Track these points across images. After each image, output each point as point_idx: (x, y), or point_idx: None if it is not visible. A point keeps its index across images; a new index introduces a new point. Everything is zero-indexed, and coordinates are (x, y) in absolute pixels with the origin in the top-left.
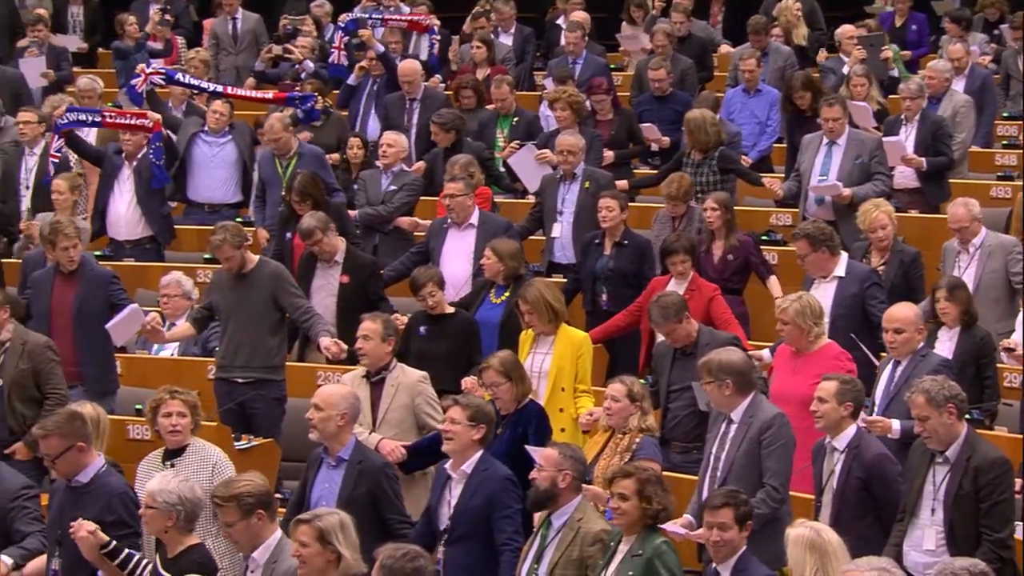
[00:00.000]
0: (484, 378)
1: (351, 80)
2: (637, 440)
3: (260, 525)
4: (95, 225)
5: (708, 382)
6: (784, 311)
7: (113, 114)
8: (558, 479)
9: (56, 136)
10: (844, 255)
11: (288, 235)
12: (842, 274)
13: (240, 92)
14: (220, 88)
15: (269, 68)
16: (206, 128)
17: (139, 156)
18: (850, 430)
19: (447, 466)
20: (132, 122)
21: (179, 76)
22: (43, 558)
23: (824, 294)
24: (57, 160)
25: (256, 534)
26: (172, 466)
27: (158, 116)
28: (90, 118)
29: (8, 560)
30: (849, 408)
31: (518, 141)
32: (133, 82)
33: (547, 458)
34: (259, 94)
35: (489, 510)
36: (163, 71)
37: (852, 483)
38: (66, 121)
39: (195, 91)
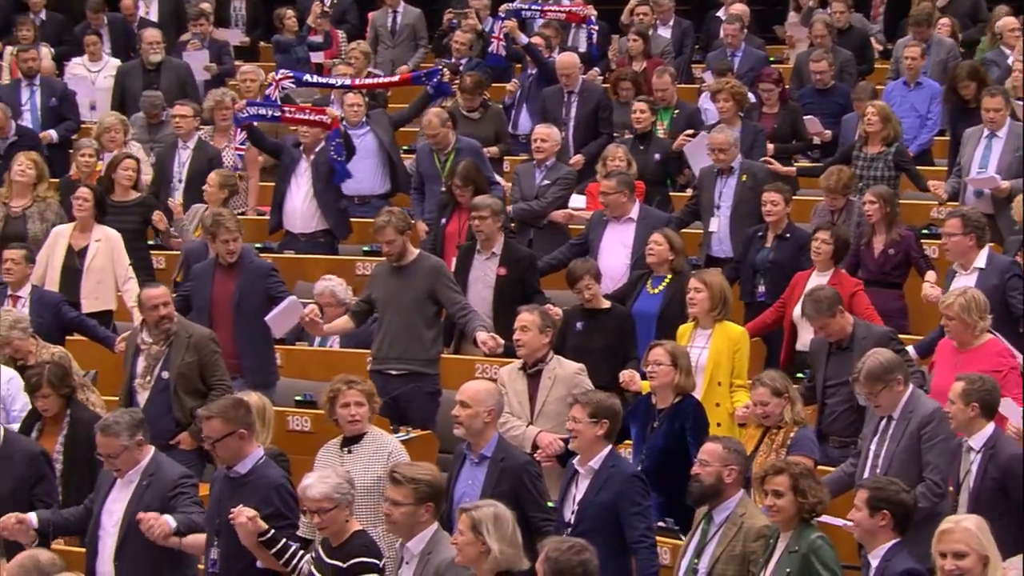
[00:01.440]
0: (649, 356)
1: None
2: (792, 435)
3: (425, 516)
4: (273, 218)
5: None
6: (949, 306)
7: (292, 109)
8: (724, 474)
9: (238, 130)
10: (987, 248)
11: (443, 221)
12: (983, 265)
13: (367, 81)
14: (347, 81)
15: None
16: (344, 122)
17: (316, 149)
18: (986, 430)
19: (575, 461)
20: (311, 118)
21: (307, 77)
22: (202, 537)
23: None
24: (242, 153)
25: (417, 523)
26: (350, 453)
27: (337, 113)
28: (269, 113)
29: (172, 523)
30: (976, 408)
31: (692, 130)
32: (267, 91)
33: (712, 453)
34: (386, 79)
35: (618, 507)
36: (291, 75)
37: (987, 483)
38: (246, 115)
39: (325, 89)
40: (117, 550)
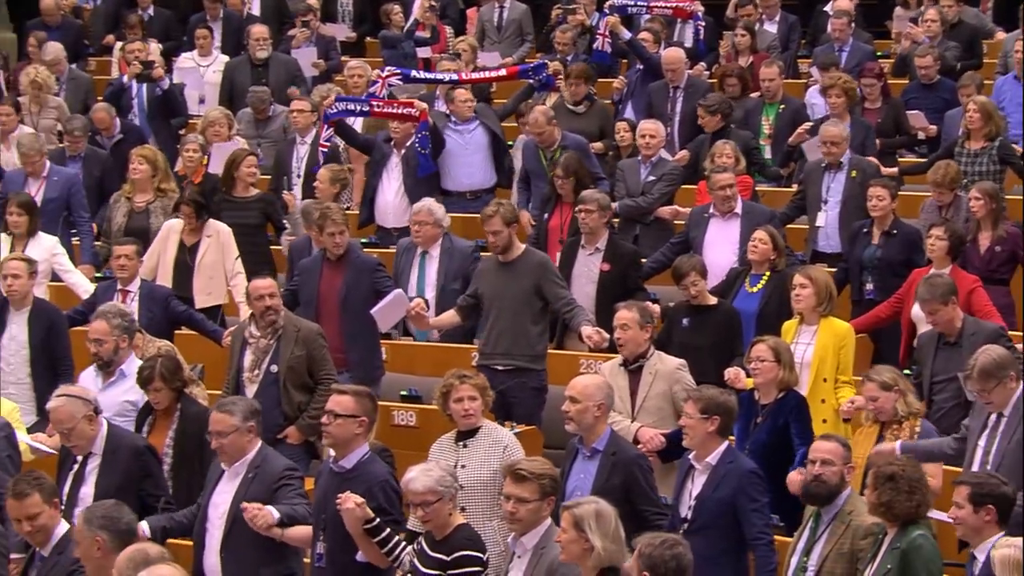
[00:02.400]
0: (752, 352)
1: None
2: (918, 429)
3: (546, 511)
4: (363, 213)
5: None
6: None
7: (381, 104)
8: (844, 472)
9: (326, 126)
10: None
11: (546, 216)
12: None
13: (475, 76)
14: (456, 76)
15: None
16: (453, 118)
17: (407, 144)
18: None
19: (691, 456)
20: (399, 111)
21: (414, 73)
22: (305, 529)
23: None
24: (327, 149)
25: (538, 519)
26: (465, 447)
27: (424, 105)
28: (359, 108)
29: (276, 513)
30: None
31: (809, 123)
32: (372, 88)
33: (834, 452)
34: (493, 73)
35: (736, 503)
36: (399, 71)
37: None
38: (335, 111)
39: (434, 84)
40: (223, 542)
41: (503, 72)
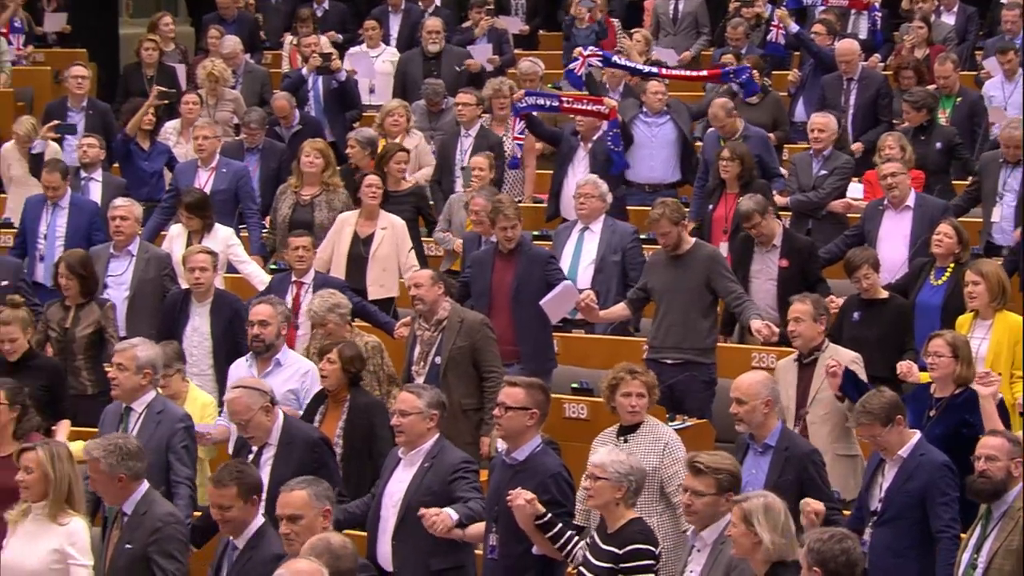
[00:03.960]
0: (930, 347)
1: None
2: None
3: (725, 505)
4: (550, 206)
5: None
6: None
7: (570, 99)
8: (1011, 468)
9: (516, 119)
10: None
11: (710, 207)
12: None
13: (675, 72)
14: (655, 69)
15: None
16: (644, 109)
17: (594, 137)
18: None
19: (881, 456)
20: (588, 107)
21: (616, 58)
22: (482, 525)
23: None
24: (521, 142)
25: (716, 513)
26: (626, 442)
27: (614, 103)
28: (548, 103)
29: (454, 515)
30: None
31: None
32: (572, 66)
33: (999, 448)
34: (694, 72)
35: (926, 496)
36: (600, 53)
37: None
38: (524, 105)
39: (631, 73)
40: (396, 531)
41: (704, 73)
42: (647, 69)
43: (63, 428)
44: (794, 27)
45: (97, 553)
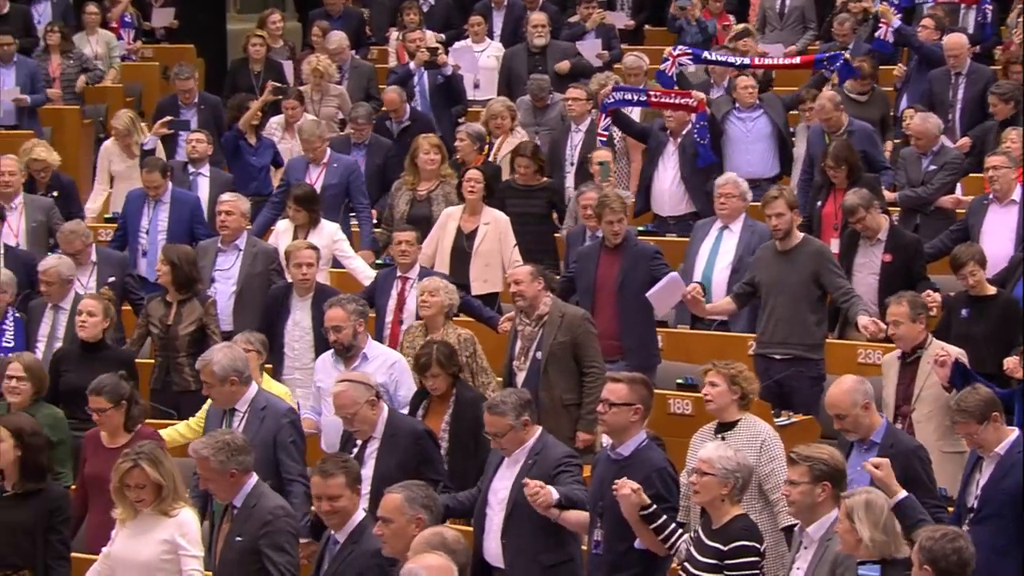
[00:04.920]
0: None
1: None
2: None
3: (822, 496)
4: (639, 201)
5: None
6: None
7: (658, 93)
8: None
9: (603, 115)
10: None
11: (819, 204)
12: None
13: (767, 62)
14: (747, 61)
15: None
16: (737, 105)
17: (684, 132)
18: None
19: (979, 454)
20: (677, 101)
21: (706, 55)
22: (582, 514)
23: None
24: (604, 139)
25: (815, 505)
26: (723, 439)
27: (702, 96)
28: (636, 97)
29: (555, 494)
30: None
31: None
32: (662, 66)
33: None
34: (786, 60)
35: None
36: (690, 52)
37: None
38: (612, 100)
39: (725, 68)
40: (503, 528)
41: (797, 60)
42: (739, 62)
43: None
44: (896, 22)
45: (206, 547)
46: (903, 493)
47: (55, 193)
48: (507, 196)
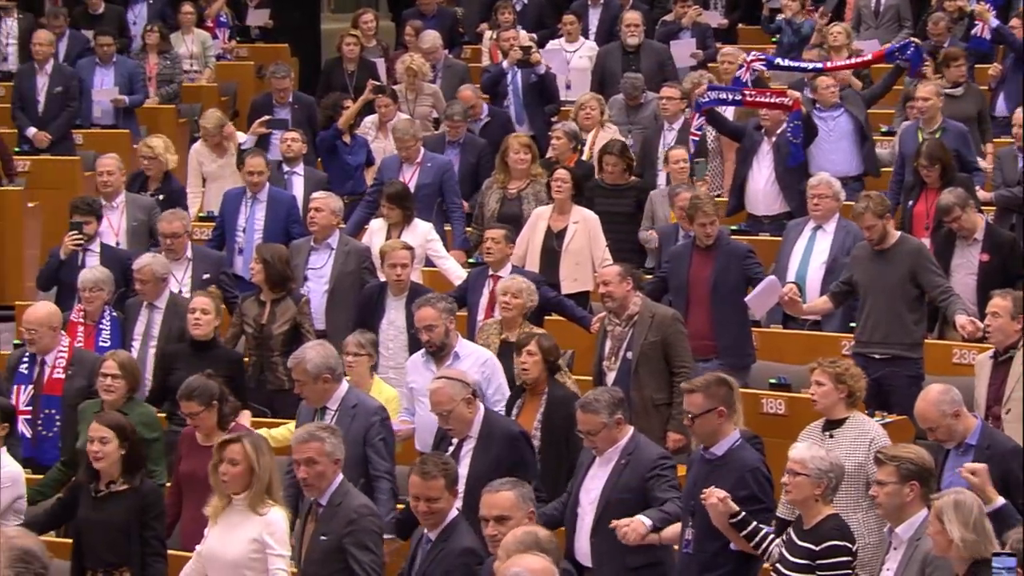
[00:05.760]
0: None
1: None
2: None
3: (911, 496)
4: (732, 201)
5: None
6: None
7: (753, 93)
8: None
9: (697, 114)
10: None
11: (910, 203)
12: None
13: (839, 63)
14: (820, 65)
15: None
16: (818, 104)
17: (778, 132)
18: None
19: None
20: (771, 100)
21: (779, 60)
22: (678, 527)
23: None
24: (697, 138)
25: (904, 505)
26: (831, 437)
27: (797, 94)
28: (731, 96)
29: (647, 521)
30: None
31: None
32: (738, 73)
33: None
34: (859, 59)
35: None
36: (763, 57)
37: None
38: (707, 99)
39: (797, 73)
40: (594, 528)
41: (868, 57)
42: (811, 67)
43: (244, 418)
44: (994, 21)
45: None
46: (1000, 501)
47: (161, 196)
48: (594, 195)
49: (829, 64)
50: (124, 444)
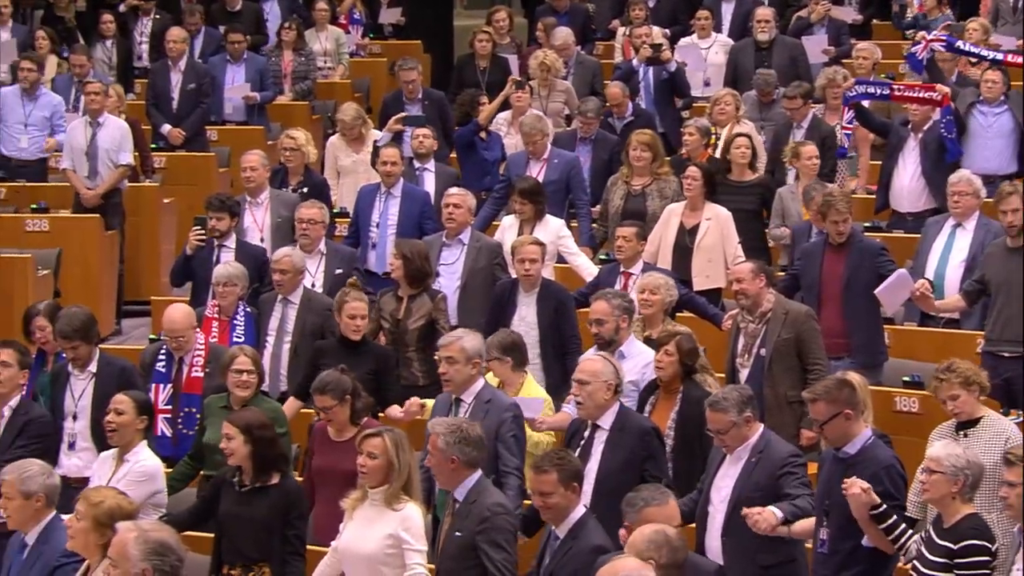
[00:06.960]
0: None
1: None
2: None
3: None
4: (879, 198)
5: None
6: None
7: (902, 87)
8: None
9: (846, 108)
10: None
11: None
12: None
13: (1020, 60)
14: (1000, 56)
15: None
16: (982, 98)
17: (925, 128)
18: None
19: None
20: (920, 95)
21: (959, 44)
22: (810, 521)
23: None
24: (850, 132)
25: None
26: (965, 436)
27: (947, 89)
28: (878, 91)
29: (779, 513)
30: None
31: None
32: (914, 49)
33: None
34: None
35: None
36: (944, 38)
37: None
38: (855, 94)
39: (974, 59)
40: (725, 526)
41: None
42: (991, 56)
43: (393, 414)
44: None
45: (430, 542)
46: None
47: (305, 189)
48: (719, 191)
49: (1010, 58)
50: (250, 441)
